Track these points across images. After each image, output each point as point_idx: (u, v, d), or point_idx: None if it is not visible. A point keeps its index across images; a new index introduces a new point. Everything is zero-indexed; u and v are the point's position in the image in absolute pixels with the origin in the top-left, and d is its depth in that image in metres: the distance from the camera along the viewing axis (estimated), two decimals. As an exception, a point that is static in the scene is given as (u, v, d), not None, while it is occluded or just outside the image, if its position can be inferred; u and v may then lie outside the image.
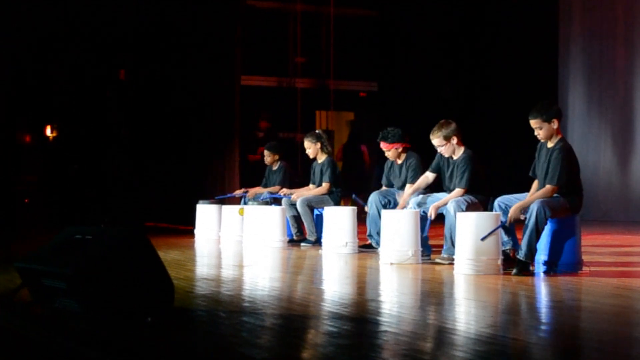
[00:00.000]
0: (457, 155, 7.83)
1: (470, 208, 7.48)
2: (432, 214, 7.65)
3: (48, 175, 16.08)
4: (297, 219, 10.05)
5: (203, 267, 8.14)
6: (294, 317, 5.01)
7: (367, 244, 8.87)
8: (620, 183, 14.82)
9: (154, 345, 4.20)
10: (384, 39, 16.97)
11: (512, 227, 7.30)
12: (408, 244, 7.63)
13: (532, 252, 6.67)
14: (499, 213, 6.99)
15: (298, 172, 14.14)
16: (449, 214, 7.52)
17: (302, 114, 16.54)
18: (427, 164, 8.26)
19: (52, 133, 16.38)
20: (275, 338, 4.44)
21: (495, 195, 7.34)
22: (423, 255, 7.78)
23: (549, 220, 6.74)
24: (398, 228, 7.64)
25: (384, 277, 7.05)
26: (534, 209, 6.63)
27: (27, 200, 15.81)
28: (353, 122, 17.37)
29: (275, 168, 10.96)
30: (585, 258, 7.05)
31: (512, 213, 6.84)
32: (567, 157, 6.80)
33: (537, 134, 6.92)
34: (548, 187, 6.78)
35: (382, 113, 16.57)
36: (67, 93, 15.68)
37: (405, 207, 8.03)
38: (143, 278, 4.91)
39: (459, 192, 7.67)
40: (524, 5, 15.26)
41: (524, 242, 6.65)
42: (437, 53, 16.24)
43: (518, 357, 3.96)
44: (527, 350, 4.05)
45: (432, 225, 7.79)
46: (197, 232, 11.47)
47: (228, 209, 10.95)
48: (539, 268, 6.86)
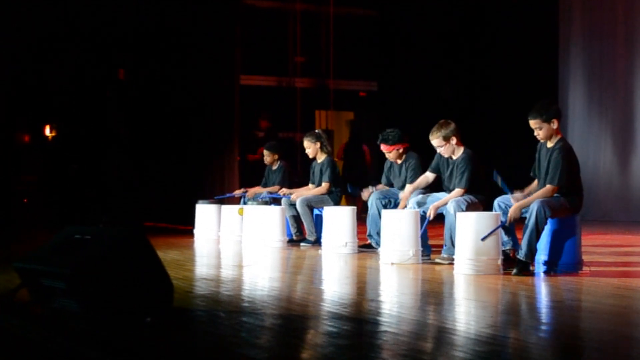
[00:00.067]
0: (456, 155, 7.83)
1: (470, 208, 7.47)
2: (431, 214, 7.65)
3: (47, 175, 16.08)
4: (296, 219, 10.05)
5: (202, 267, 8.13)
6: (294, 317, 5.01)
7: (366, 244, 8.86)
8: (621, 183, 14.81)
9: (154, 345, 4.20)
10: (384, 39, 16.96)
11: (512, 227, 7.30)
12: (408, 244, 7.63)
13: (532, 252, 6.67)
14: (499, 213, 6.98)
15: (298, 171, 14.14)
16: (449, 214, 7.52)
17: (301, 114, 16.54)
18: (427, 164, 8.25)
19: (51, 133, 16.38)
20: (275, 338, 4.43)
21: (495, 195, 7.34)
22: (423, 255, 7.78)
23: (549, 220, 6.73)
24: (398, 228, 7.64)
25: (384, 277, 7.05)
26: (534, 209, 6.62)
27: (26, 200, 15.81)
28: (353, 121, 17.34)
29: (275, 168, 10.95)
30: (586, 258, 7.04)
31: (512, 213, 6.83)
32: (567, 157, 6.79)
33: (536, 134, 6.91)
34: (548, 187, 6.77)
35: (382, 113, 16.58)
36: (66, 93, 15.68)
37: (406, 206, 8.03)
38: (142, 278, 4.91)
39: (459, 192, 7.66)
40: (524, 5, 15.25)
41: (524, 242, 6.65)
42: (437, 53, 16.23)
43: (518, 357, 3.96)
44: (527, 350, 4.05)
45: (432, 225, 7.79)
46: (196, 232, 11.46)
47: (227, 209, 10.95)
48: (539, 268, 6.86)
